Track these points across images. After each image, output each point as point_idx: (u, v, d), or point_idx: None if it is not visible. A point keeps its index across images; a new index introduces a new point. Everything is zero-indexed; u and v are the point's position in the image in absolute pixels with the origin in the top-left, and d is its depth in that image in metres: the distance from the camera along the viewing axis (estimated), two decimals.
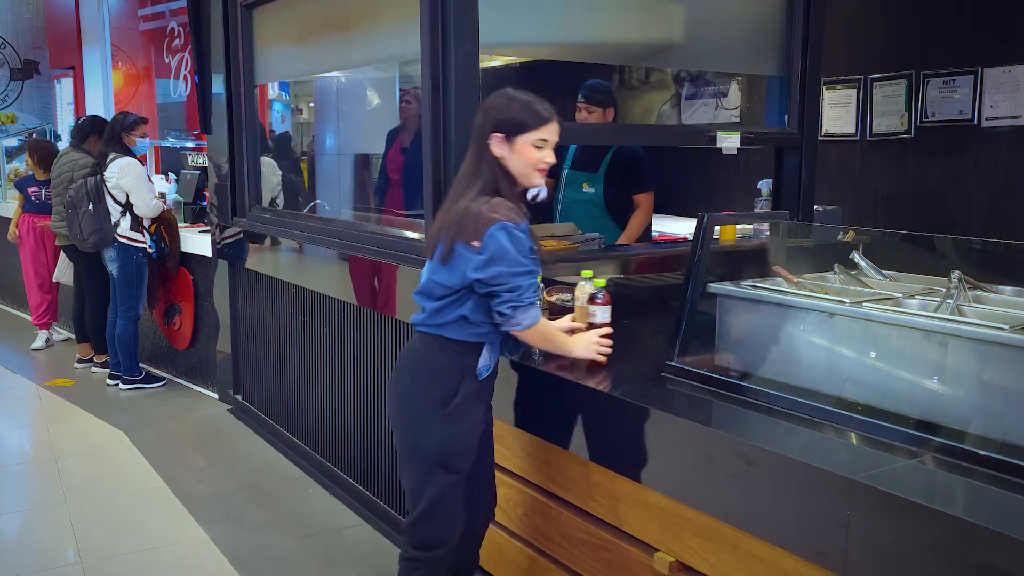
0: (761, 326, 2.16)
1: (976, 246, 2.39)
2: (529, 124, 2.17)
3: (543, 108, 2.19)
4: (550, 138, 2.20)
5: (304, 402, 4.03)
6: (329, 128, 5.50)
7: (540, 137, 2.17)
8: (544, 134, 2.18)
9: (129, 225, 5.08)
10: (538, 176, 2.21)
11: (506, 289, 2.11)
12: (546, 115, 2.19)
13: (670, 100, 6.02)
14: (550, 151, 2.20)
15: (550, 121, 2.19)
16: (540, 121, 2.18)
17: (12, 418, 4.96)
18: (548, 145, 2.20)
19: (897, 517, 1.51)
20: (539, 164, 2.19)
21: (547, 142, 2.19)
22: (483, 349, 2.24)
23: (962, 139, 4.48)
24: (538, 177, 2.22)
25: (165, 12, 7.81)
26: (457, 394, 2.20)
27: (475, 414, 2.24)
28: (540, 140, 2.17)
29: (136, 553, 3.22)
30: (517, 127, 2.16)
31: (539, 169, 2.21)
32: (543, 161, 2.19)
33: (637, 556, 2.09)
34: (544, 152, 2.19)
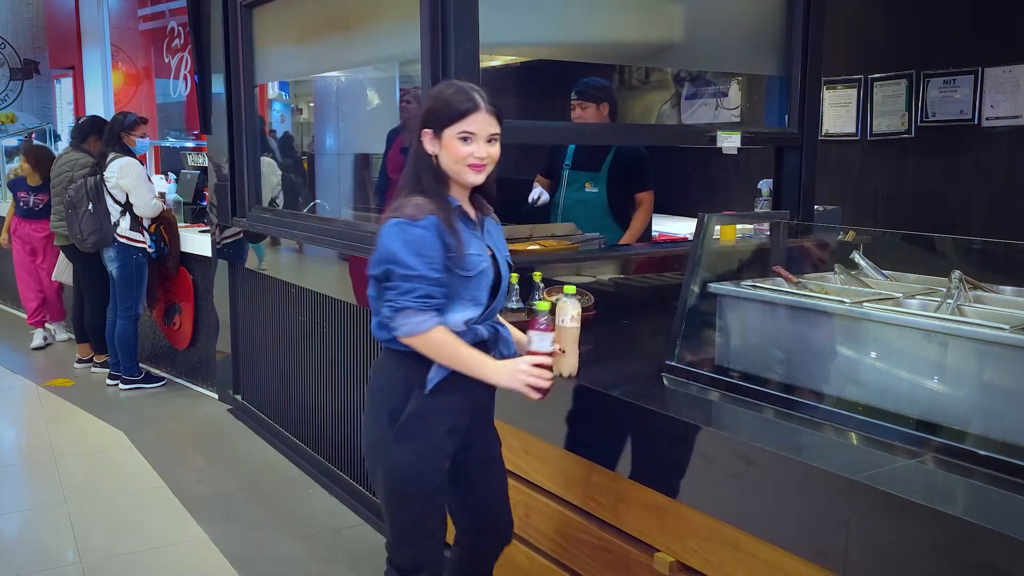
0: (761, 326, 2.16)
1: (976, 246, 2.39)
2: (450, 116, 1.96)
3: (466, 98, 1.97)
4: (477, 130, 1.96)
5: (304, 402, 4.03)
6: (329, 128, 5.50)
7: (464, 130, 1.95)
8: (468, 126, 1.96)
9: (129, 225, 5.07)
10: (471, 173, 1.99)
11: (391, 288, 1.94)
12: (467, 105, 1.96)
13: (670, 100, 6.02)
14: (481, 145, 1.97)
15: (473, 111, 1.96)
16: (460, 113, 1.96)
17: (12, 418, 4.96)
18: (476, 138, 1.96)
19: (897, 517, 1.51)
20: (468, 159, 1.97)
21: (474, 135, 1.96)
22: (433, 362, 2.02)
23: (962, 139, 4.48)
24: (471, 174, 1.99)
25: (165, 12, 7.81)
26: (403, 412, 2.01)
27: (427, 432, 2.02)
28: (465, 132, 1.95)
29: (136, 553, 3.22)
30: (441, 120, 1.97)
31: (471, 166, 1.98)
32: (473, 156, 1.96)
33: (637, 556, 2.08)
34: (473, 146, 1.96)
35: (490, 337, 2.08)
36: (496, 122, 1.99)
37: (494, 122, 1.99)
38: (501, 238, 2.14)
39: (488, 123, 1.98)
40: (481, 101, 1.97)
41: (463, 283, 1.98)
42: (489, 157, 2.00)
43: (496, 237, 2.12)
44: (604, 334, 2.79)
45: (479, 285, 2.00)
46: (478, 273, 1.99)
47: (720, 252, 2.55)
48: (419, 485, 2.04)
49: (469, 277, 1.97)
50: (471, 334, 2.02)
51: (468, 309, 2.02)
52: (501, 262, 2.09)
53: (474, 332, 2.03)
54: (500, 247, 2.11)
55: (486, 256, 2.03)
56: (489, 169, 2.03)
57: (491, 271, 2.04)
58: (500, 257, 2.09)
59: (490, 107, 1.98)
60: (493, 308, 2.08)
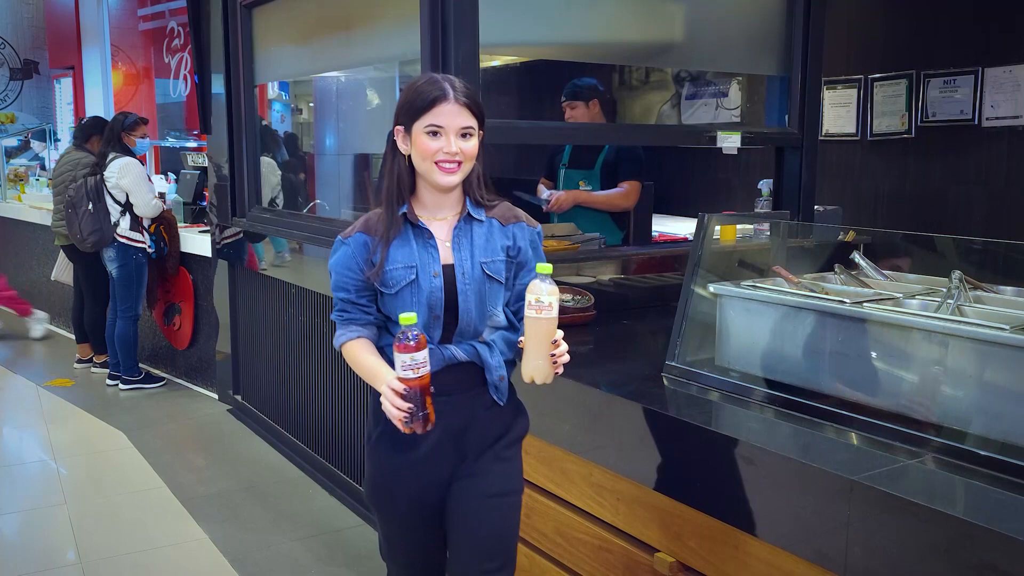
0: (761, 326, 2.16)
1: (976, 246, 2.39)
2: (417, 107, 1.76)
3: (435, 87, 1.76)
4: (445, 124, 1.74)
5: (304, 402, 4.03)
6: (329, 128, 5.50)
7: (431, 123, 1.75)
8: (435, 118, 1.75)
9: (129, 225, 5.08)
10: (439, 173, 1.77)
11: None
12: (435, 94, 1.75)
13: (670, 100, 6.02)
14: (451, 139, 1.75)
15: (440, 101, 1.75)
16: (426, 103, 1.75)
17: (12, 418, 4.96)
18: (445, 132, 1.75)
19: (897, 517, 1.51)
20: (436, 156, 1.75)
21: (442, 128, 1.75)
22: None
23: (963, 139, 4.48)
24: (439, 174, 1.77)
25: (165, 12, 7.81)
26: (375, 427, 1.93)
27: (385, 458, 1.91)
28: (432, 126, 1.75)
29: (136, 553, 3.22)
30: (409, 113, 1.78)
31: (440, 164, 1.76)
32: (443, 152, 1.75)
33: (637, 556, 2.08)
34: (441, 141, 1.75)
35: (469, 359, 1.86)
36: (470, 114, 1.77)
37: (467, 114, 1.77)
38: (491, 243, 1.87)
39: (458, 115, 1.76)
40: (451, 90, 1.76)
41: (389, 299, 1.82)
42: (462, 154, 1.77)
43: (476, 243, 1.85)
44: (604, 334, 2.79)
45: (408, 301, 1.80)
46: (401, 288, 1.80)
47: (720, 252, 2.55)
48: (381, 509, 1.97)
49: (392, 294, 1.80)
50: (437, 354, 1.81)
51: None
52: (461, 273, 1.82)
53: (440, 352, 1.83)
54: (472, 255, 1.84)
55: (423, 267, 1.81)
56: (465, 169, 1.80)
57: (429, 285, 1.80)
58: (462, 269, 1.82)
59: (462, 97, 1.76)
60: (460, 324, 1.84)
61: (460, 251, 1.84)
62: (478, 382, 1.88)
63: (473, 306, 1.83)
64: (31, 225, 6.94)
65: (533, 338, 1.70)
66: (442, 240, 1.84)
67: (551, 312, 1.67)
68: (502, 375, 1.89)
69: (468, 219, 1.86)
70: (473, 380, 1.88)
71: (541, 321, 1.67)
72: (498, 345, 1.89)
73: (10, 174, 7.99)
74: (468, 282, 1.83)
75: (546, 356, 1.70)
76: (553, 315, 1.67)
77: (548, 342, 1.69)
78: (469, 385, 1.88)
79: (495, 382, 1.87)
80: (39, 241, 6.91)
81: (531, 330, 1.69)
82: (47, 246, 6.64)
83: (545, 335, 1.68)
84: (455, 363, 1.85)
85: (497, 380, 1.87)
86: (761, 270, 2.45)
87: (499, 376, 1.88)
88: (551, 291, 1.67)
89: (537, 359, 1.70)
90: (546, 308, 1.66)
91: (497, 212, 1.89)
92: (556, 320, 1.68)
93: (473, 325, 1.85)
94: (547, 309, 1.66)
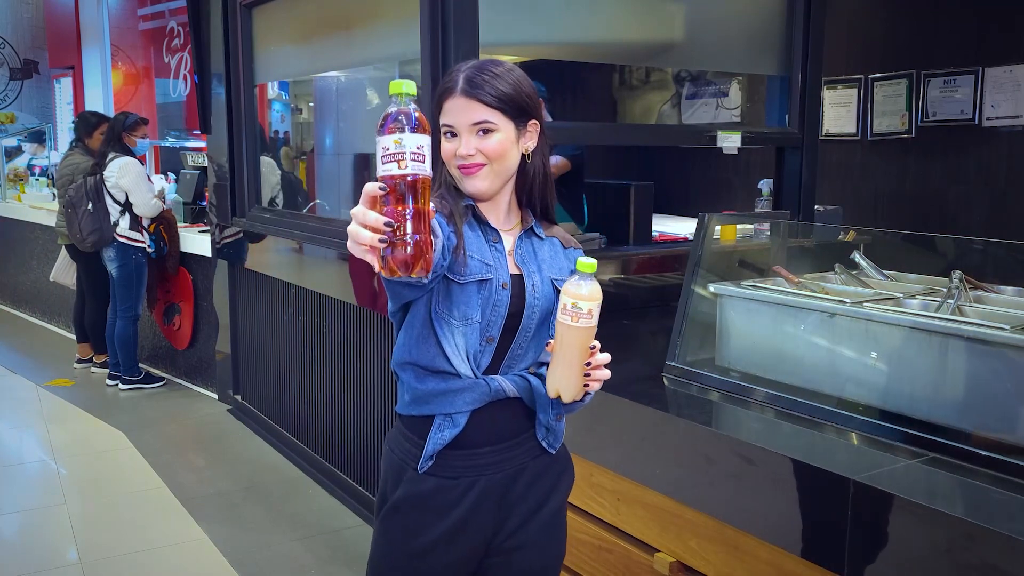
0: (761, 326, 2.16)
1: (977, 246, 2.39)
2: (434, 106, 1.52)
3: (446, 79, 1.51)
4: (454, 122, 1.47)
5: (304, 402, 4.03)
6: (329, 128, 5.50)
7: (444, 122, 1.49)
8: (445, 117, 1.49)
9: (128, 224, 5.08)
10: (463, 178, 1.49)
11: None
12: (443, 88, 1.50)
13: (670, 100, 6.02)
14: (465, 139, 1.47)
15: (447, 96, 1.48)
16: (437, 102, 1.51)
17: (12, 418, 4.95)
18: (459, 131, 1.48)
19: (897, 517, 1.51)
20: (456, 160, 1.48)
21: (454, 127, 1.48)
22: (432, 424, 1.50)
23: (963, 139, 4.48)
24: (463, 180, 1.49)
25: (165, 12, 7.81)
26: (392, 489, 1.55)
27: (407, 528, 1.53)
28: (445, 127, 1.49)
29: (136, 553, 3.22)
30: (433, 113, 1.52)
31: (461, 168, 1.48)
32: (458, 155, 1.48)
33: (637, 556, 2.08)
34: (455, 142, 1.48)
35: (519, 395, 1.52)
36: (483, 107, 1.46)
37: (478, 107, 1.46)
38: (556, 261, 1.58)
39: (466, 109, 1.46)
40: (459, 81, 1.47)
41: (451, 292, 1.47)
42: (482, 154, 1.47)
43: (541, 258, 1.57)
44: (604, 334, 2.78)
45: (471, 302, 1.47)
46: (472, 283, 1.47)
47: (720, 252, 2.55)
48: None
49: (460, 284, 1.46)
50: (482, 387, 1.49)
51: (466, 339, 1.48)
52: (532, 286, 1.52)
53: (486, 385, 1.49)
54: (540, 269, 1.55)
55: (495, 270, 1.49)
56: (498, 171, 1.49)
57: (497, 290, 1.49)
58: (532, 281, 1.53)
59: (470, 88, 1.46)
60: (513, 349, 1.52)
61: (526, 263, 1.54)
62: (526, 425, 1.55)
63: (535, 326, 1.53)
64: (31, 225, 6.94)
65: (566, 348, 1.41)
66: (508, 249, 1.55)
67: (590, 321, 1.39)
68: (560, 413, 1.57)
69: (530, 233, 1.58)
70: (521, 423, 1.55)
71: (577, 330, 1.39)
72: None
73: (10, 174, 7.99)
74: (538, 297, 1.52)
75: (578, 370, 1.42)
76: (592, 324, 1.39)
77: (583, 354, 1.41)
78: (516, 429, 1.54)
79: (550, 423, 1.56)
80: (39, 241, 6.91)
81: (565, 339, 1.41)
82: (47, 246, 6.64)
83: (580, 346, 1.41)
84: (501, 399, 1.51)
85: (553, 420, 1.56)
86: (761, 270, 2.45)
87: (556, 415, 1.57)
88: (592, 294, 1.38)
89: (567, 372, 1.42)
90: (584, 316, 1.38)
91: (558, 232, 1.63)
92: (595, 329, 1.41)
93: (528, 350, 1.54)
94: (585, 317, 1.38)
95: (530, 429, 1.55)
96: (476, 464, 1.51)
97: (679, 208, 5.49)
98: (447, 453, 1.50)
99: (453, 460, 1.51)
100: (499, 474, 1.52)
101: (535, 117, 1.52)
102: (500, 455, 1.52)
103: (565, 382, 1.42)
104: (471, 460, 1.51)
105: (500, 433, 1.52)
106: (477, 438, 1.50)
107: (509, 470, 1.53)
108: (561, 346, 1.41)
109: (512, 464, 1.54)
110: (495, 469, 1.52)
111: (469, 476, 1.51)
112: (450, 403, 1.49)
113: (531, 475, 1.56)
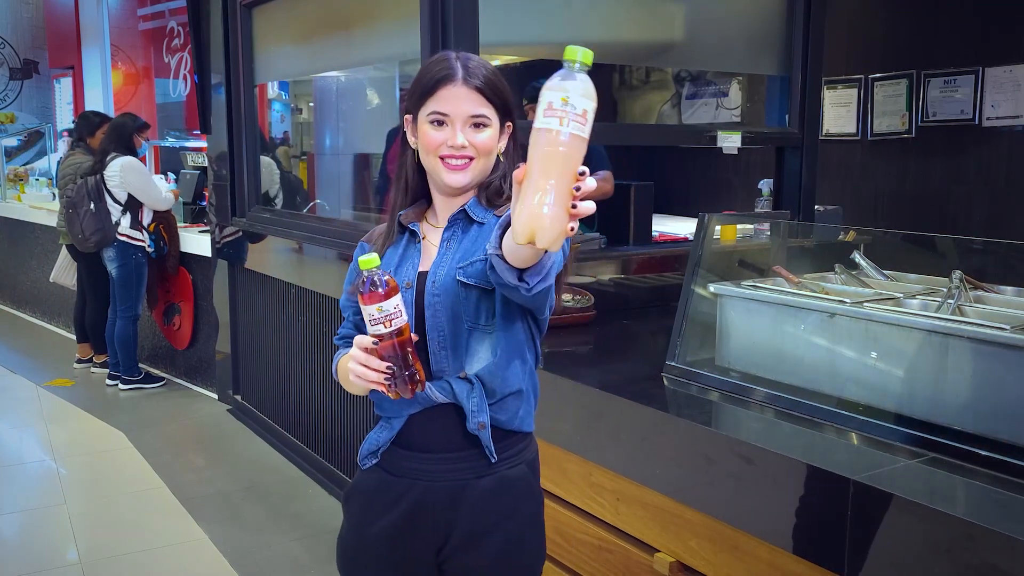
0: (761, 326, 2.15)
1: (977, 246, 2.39)
2: (421, 91, 1.43)
3: (442, 66, 1.42)
4: (451, 110, 1.40)
5: (304, 402, 4.03)
6: (329, 128, 5.50)
7: (435, 109, 1.41)
8: (438, 104, 1.41)
9: (129, 223, 5.09)
10: (445, 171, 1.43)
11: None
12: (441, 74, 1.41)
13: (670, 100, 6.02)
14: (458, 130, 1.41)
15: (445, 83, 1.40)
16: (430, 86, 1.42)
17: (12, 418, 4.95)
18: (451, 120, 1.41)
19: (897, 517, 1.51)
20: (440, 150, 1.41)
21: (448, 116, 1.41)
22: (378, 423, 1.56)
23: (963, 139, 4.48)
24: (445, 172, 1.43)
25: (165, 12, 7.80)
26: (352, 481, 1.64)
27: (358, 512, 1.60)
28: (435, 114, 1.41)
29: (136, 553, 3.22)
30: (413, 99, 1.45)
31: (444, 159, 1.42)
32: (446, 145, 1.41)
33: (637, 556, 2.08)
34: (447, 131, 1.41)
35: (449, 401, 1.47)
36: (483, 101, 1.41)
37: (478, 100, 1.41)
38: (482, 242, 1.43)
39: (467, 100, 1.40)
40: (460, 69, 1.41)
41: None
42: (473, 148, 1.42)
43: (464, 247, 1.47)
44: (604, 334, 2.79)
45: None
46: None
47: (720, 252, 2.55)
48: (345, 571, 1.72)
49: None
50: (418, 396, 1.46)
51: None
52: (430, 284, 1.45)
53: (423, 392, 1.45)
54: (450, 261, 1.46)
55: (398, 279, 1.44)
56: (480, 168, 1.44)
57: (404, 292, 1.43)
58: (433, 277, 1.45)
59: (473, 79, 1.41)
60: (433, 351, 1.46)
61: (444, 255, 1.47)
62: (468, 438, 1.48)
63: (446, 322, 1.44)
64: (31, 225, 6.94)
65: (547, 165, 0.99)
66: (433, 244, 1.51)
67: (583, 128, 0.98)
68: (482, 422, 1.46)
69: (466, 220, 1.48)
70: (459, 432, 1.48)
71: (566, 142, 0.98)
72: (488, 382, 1.46)
73: (10, 174, 7.99)
74: (437, 293, 1.44)
75: (564, 197, 0.99)
76: (586, 135, 1.00)
77: (570, 176, 1.00)
78: (454, 439, 1.48)
79: (474, 430, 1.46)
80: (39, 241, 6.91)
81: (547, 152, 0.99)
82: (47, 246, 6.64)
83: (567, 162, 0.99)
84: (436, 406, 1.47)
85: (475, 428, 1.46)
86: (761, 270, 2.45)
87: (477, 423, 1.46)
88: (588, 92, 0.99)
89: (544, 200, 0.98)
90: (577, 118, 0.97)
91: (502, 209, 1.46)
92: (585, 143, 1.01)
93: (450, 350, 1.45)
94: (578, 120, 0.97)
95: (477, 445, 1.48)
96: (417, 468, 1.51)
97: (679, 208, 5.49)
98: (394, 450, 1.54)
99: (398, 458, 1.54)
100: (439, 483, 1.50)
101: (512, 119, 1.50)
102: (440, 464, 1.50)
103: (542, 217, 0.98)
104: (414, 462, 1.52)
105: (437, 440, 1.50)
106: (418, 442, 1.51)
107: (451, 482, 1.50)
108: (540, 164, 0.99)
109: (454, 477, 1.50)
110: (435, 477, 1.50)
111: (409, 477, 1.52)
112: (389, 407, 1.52)
113: (477, 496, 1.50)
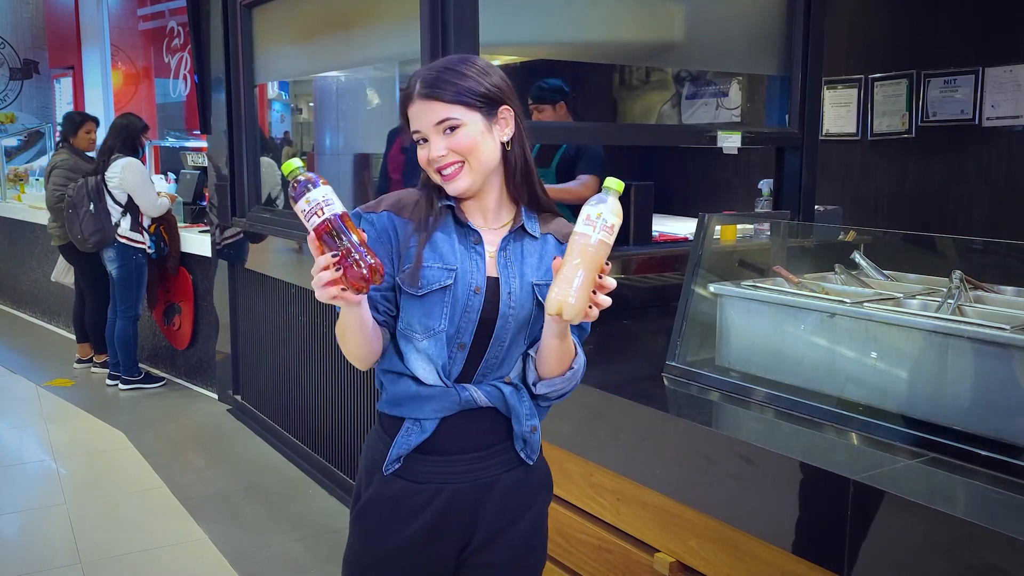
0: (761, 326, 2.15)
1: (977, 246, 2.39)
2: (401, 120, 1.51)
3: (404, 91, 1.48)
4: (420, 127, 1.44)
5: (304, 402, 4.03)
6: (329, 128, 5.50)
7: (414, 129, 1.46)
8: (413, 125, 1.46)
9: (129, 225, 5.08)
10: (443, 182, 1.46)
11: None
12: (403, 99, 1.47)
13: (670, 100, 6.02)
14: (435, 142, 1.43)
15: (408, 103, 1.46)
16: (403, 112, 1.49)
17: (12, 418, 4.95)
18: (427, 135, 1.44)
19: (897, 517, 1.51)
20: (432, 165, 1.46)
21: (421, 133, 1.45)
22: (401, 427, 1.50)
23: (963, 139, 4.48)
24: (444, 183, 1.46)
25: (165, 12, 7.80)
26: (365, 488, 1.55)
27: (376, 526, 1.52)
28: (416, 134, 1.46)
29: (136, 553, 3.22)
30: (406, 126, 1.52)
31: (439, 171, 1.45)
32: (431, 159, 1.45)
33: (637, 556, 2.08)
34: (427, 148, 1.45)
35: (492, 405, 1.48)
36: (441, 104, 1.42)
37: (436, 106, 1.42)
38: (545, 262, 1.50)
39: (426, 111, 1.43)
40: (416, 85, 1.44)
41: (411, 304, 1.46)
42: (453, 152, 1.43)
43: (528, 262, 1.50)
44: (604, 334, 2.79)
45: (435, 312, 1.45)
46: (432, 292, 1.44)
47: (721, 252, 2.55)
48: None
49: (419, 296, 1.45)
50: (452, 395, 1.46)
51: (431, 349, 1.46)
52: (507, 293, 1.46)
53: (457, 393, 1.46)
54: (523, 275, 1.49)
55: (464, 273, 1.45)
56: (475, 167, 1.45)
57: (468, 295, 1.45)
58: (509, 288, 1.47)
59: (426, 88, 1.42)
60: (487, 358, 1.48)
61: (508, 266, 1.48)
62: (500, 437, 1.52)
63: (510, 335, 1.47)
64: (31, 225, 6.94)
65: (580, 260, 1.31)
66: (489, 251, 1.50)
67: (610, 237, 1.33)
68: (534, 425, 1.52)
69: (520, 233, 1.51)
70: (494, 434, 1.51)
71: (596, 243, 1.31)
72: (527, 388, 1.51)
73: (10, 174, 7.99)
74: (514, 306, 1.46)
75: (588, 286, 1.32)
76: (610, 242, 1.33)
77: (596, 270, 1.32)
78: (488, 440, 1.51)
79: (524, 434, 1.51)
80: (39, 241, 6.91)
81: (581, 250, 1.32)
82: (47, 246, 6.63)
83: (595, 260, 1.32)
84: (472, 408, 1.48)
85: (528, 431, 1.51)
86: (761, 270, 2.45)
87: (531, 427, 1.51)
88: (617, 211, 1.33)
89: (573, 288, 1.31)
90: (606, 229, 1.31)
91: (553, 227, 1.55)
92: (610, 249, 1.34)
93: (502, 359, 1.49)
94: (607, 231, 1.31)
95: (504, 441, 1.52)
96: (444, 471, 1.49)
97: (679, 208, 5.49)
98: (416, 457, 1.50)
99: (421, 465, 1.50)
100: (467, 484, 1.50)
101: (506, 104, 1.47)
102: (470, 465, 1.50)
103: (570, 299, 1.30)
104: (440, 467, 1.49)
105: (471, 443, 1.50)
106: (447, 446, 1.49)
107: (479, 481, 1.51)
108: (574, 258, 1.32)
109: (483, 476, 1.51)
110: (463, 479, 1.50)
111: (436, 483, 1.49)
112: (419, 408, 1.48)
113: (504, 489, 1.53)
